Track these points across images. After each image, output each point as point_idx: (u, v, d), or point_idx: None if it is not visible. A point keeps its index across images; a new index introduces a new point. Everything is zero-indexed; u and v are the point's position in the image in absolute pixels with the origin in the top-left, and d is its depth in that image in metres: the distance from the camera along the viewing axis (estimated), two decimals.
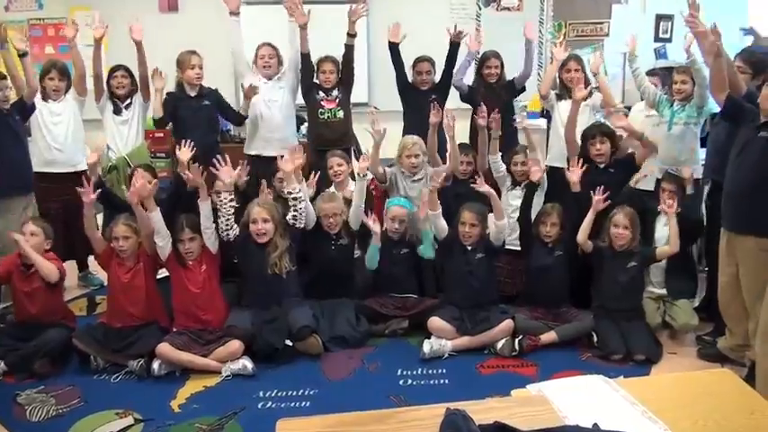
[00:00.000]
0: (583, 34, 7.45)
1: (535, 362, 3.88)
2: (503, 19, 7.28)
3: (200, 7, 6.92)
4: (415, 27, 6.91)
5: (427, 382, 3.70)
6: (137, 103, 5.03)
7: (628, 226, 4.06)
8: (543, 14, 7.37)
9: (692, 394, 2.18)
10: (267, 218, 4.05)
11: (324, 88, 5.14)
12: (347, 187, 4.73)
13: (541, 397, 1.99)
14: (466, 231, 4.13)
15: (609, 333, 3.97)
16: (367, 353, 4.01)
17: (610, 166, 4.54)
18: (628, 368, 3.78)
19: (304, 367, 3.86)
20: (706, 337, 4.10)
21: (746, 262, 3.43)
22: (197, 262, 4.03)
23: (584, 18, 7.44)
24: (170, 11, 6.94)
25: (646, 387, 2.21)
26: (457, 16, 7.22)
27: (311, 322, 4.00)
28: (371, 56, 7.05)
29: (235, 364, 3.78)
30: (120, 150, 4.95)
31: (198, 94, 4.98)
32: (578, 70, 5.01)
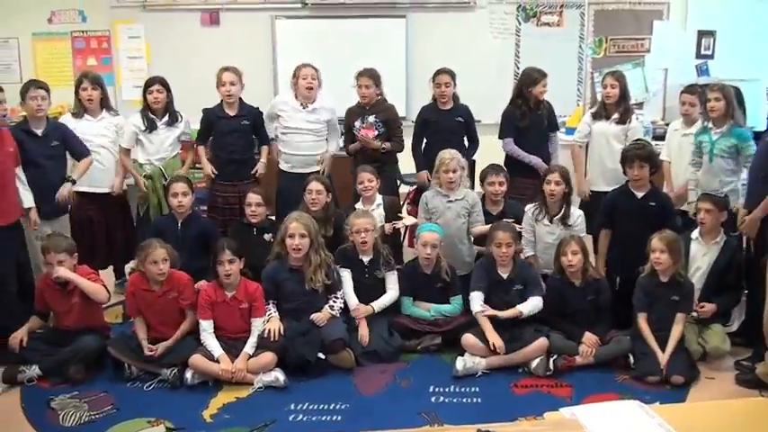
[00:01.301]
0: (623, 50, 7.37)
1: (570, 382, 3.81)
2: (543, 35, 7.25)
3: (241, 22, 7.02)
4: (454, 43, 6.99)
5: (459, 399, 3.67)
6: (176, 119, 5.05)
7: (664, 249, 3.96)
8: (584, 30, 7.31)
9: (729, 423, 2.14)
10: (304, 233, 4.06)
11: (362, 113, 5.10)
12: (375, 203, 4.73)
13: (575, 421, 1.97)
14: (503, 252, 4.08)
15: (646, 355, 3.89)
16: (399, 368, 3.99)
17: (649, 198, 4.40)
18: (664, 391, 3.70)
19: (336, 381, 3.86)
20: (745, 363, 3.98)
21: None
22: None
23: (624, 34, 7.36)
24: (212, 25, 7.05)
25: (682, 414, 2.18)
26: (496, 32, 7.22)
27: (344, 336, 4.00)
28: (409, 71, 7.07)
29: (267, 375, 3.79)
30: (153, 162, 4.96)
31: (237, 113, 4.98)
32: (614, 86, 4.95)
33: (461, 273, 4.48)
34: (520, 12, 7.20)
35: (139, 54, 7.02)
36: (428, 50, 6.94)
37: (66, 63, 6.98)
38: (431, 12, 7.11)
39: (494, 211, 4.73)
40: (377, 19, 7.06)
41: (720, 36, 7.35)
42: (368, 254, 4.34)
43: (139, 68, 6.95)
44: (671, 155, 4.87)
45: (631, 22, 7.34)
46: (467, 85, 5.26)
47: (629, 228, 4.32)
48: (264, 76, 6.92)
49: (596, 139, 5.04)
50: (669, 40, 7.36)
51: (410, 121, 6.05)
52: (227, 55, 6.17)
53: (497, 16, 7.18)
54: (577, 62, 7.32)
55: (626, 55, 7.34)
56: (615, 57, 7.29)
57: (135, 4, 6.93)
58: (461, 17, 7.12)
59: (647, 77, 7.33)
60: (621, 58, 7.29)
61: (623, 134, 4.94)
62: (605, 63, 7.12)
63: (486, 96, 5.57)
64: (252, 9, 7.03)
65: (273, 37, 7.03)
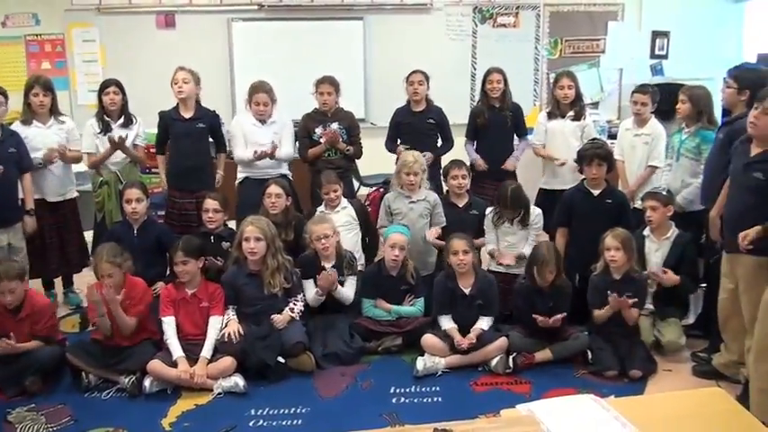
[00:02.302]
0: (579, 51, 7.49)
1: (529, 379, 3.84)
2: (499, 36, 7.32)
3: (197, 24, 6.96)
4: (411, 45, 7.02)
5: (420, 400, 3.67)
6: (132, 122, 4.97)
7: (619, 247, 4.01)
8: (539, 31, 7.40)
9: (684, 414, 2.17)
10: (259, 236, 4.02)
11: (323, 119, 5.06)
12: (339, 208, 4.71)
13: (531, 417, 1.98)
14: (460, 259, 4.08)
15: (603, 350, 3.94)
16: (360, 370, 3.98)
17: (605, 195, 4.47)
18: (622, 385, 3.76)
19: (296, 384, 3.83)
20: (701, 354, 4.06)
21: (746, 279, 3.42)
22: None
23: (579, 35, 7.47)
24: (167, 27, 6.97)
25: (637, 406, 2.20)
26: (453, 33, 7.27)
27: (304, 339, 3.97)
28: (367, 73, 7.08)
29: (226, 381, 3.75)
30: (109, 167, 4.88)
31: (192, 116, 4.92)
32: (571, 87, 5.01)
33: (425, 273, 4.51)
34: (476, 13, 7.27)
35: (94, 58, 6.92)
36: (386, 52, 6.98)
37: (20, 67, 6.82)
38: (388, 14, 7.14)
39: (459, 203, 4.76)
40: (334, 21, 7.06)
41: (674, 36, 7.51)
42: (330, 259, 4.31)
43: (94, 72, 6.83)
44: (623, 154, 4.94)
45: (586, 24, 7.46)
46: None
47: (586, 226, 4.37)
48: (221, 79, 6.87)
49: (552, 138, 5.10)
50: (624, 41, 7.50)
51: (369, 123, 6.08)
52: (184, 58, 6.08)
53: (454, 18, 7.24)
54: (533, 63, 7.42)
55: (581, 55, 7.46)
56: (571, 57, 7.41)
57: (89, 7, 6.82)
58: (418, 19, 7.16)
59: (603, 77, 7.46)
60: (577, 58, 7.41)
61: (579, 131, 5.01)
62: (561, 64, 7.22)
63: (444, 97, 5.57)
64: (208, 11, 6.97)
65: (230, 39, 6.98)
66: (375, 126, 5.33)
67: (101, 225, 4.87)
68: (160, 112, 4.98)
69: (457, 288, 4.11)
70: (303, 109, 5.22)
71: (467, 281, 4.12)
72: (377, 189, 5.66)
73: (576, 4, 7.41)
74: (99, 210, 4.89)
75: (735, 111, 3.92)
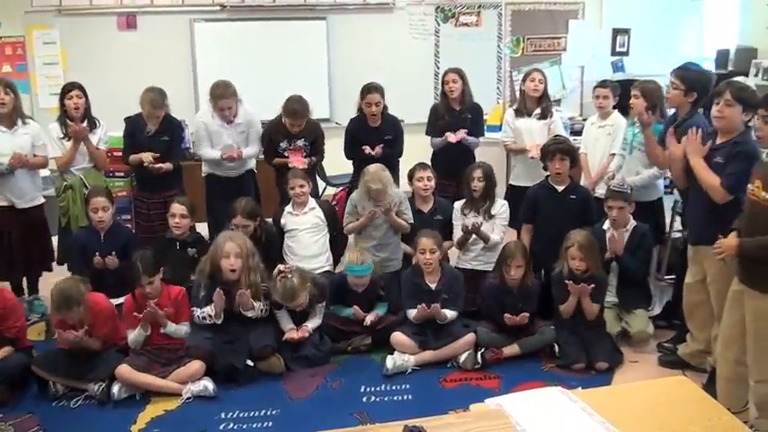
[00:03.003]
0: (541, 49, 7.58)
1: (498, 374, 3.88)
2: (462, 35, 7.37)
3: (159, 25, 6.88)
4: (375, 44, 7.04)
5: (390, 398, 3.68)
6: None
7: (583, 258, 4.04)
8: (501, 30, 7.47)
9: (650, 403, 2.20)
10: (239, 252, 3.99)
11: (288, 135, 4.99)
12: (307, 206, 4.68)
13: (499, 410, 2.00)
14: (427, 258, 4.10)
15: (570, 343, 4.00)
16: (330, 371, 3.97)
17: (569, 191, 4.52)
18: (590, 377, 3.81)
19: (266, 387, 3.80)
20: (667, 345, 4.14)
21: (714, 271, 3.48)
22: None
23: (541, 33, 7.56)
24: (129, 29, 6.88)
25: (604, 397, 2.23)
26: (416, 32, 7.30)
27: (273, 341, 3.95)
28: (331, 72, 7.08)
29: (196, 385, 3.71)
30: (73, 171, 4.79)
31: (157, 129, 4.84)
32: (541, 81, 5.06)
33: (392, 270, 4.52)
34: (438, 13, 7.31)
35: (55, 60, 6.81)
36: (349, 52, 6.99)
37: None
38: (351, 13, 7.15)
39: (425, 208, 4.76)
40: (297, 21, 7.05)
41: (635, 33, 7.64)
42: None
43: (56, 75, 6.73)
44: (587, 146, 5.01)
45: (548, 22, 7.56)
46: (388, 86, 5.25)
47: (551, 222, 4.42)
48: (184, 80, 6.80)
49: (519, 137, 5.13)
50: (585, 39, 7.62)
51: (333, 122, 6.07)
52: (146, 60, 6.07)
53: (416, 17, 7.28)
54: (496, 61, 7.49)
55: (543, 53, 7.56)
56: (533, 55, 7.50)
57: (49, 9, 6.70)
58: (381, 18, 7.18)
59: (564, 75, 7.56)
60: (539, 56, 7.50)
61: (547, 128, 5.05)
62: (523, 62, 7.31)
63: (408, 96, 5.61)
64: (169, 12, 6.90)
65: (192, 40, 6.93)
66: (340, 126, 5.31)
67: (65, 230, 4.80)
68: (126, 118, 4.91)
69: (423, 283, 4.14)
70: (266, 109, 5.18)
71: (433, 276, 4.16)
72: (343, 189, 5.65)
73: (537, 2, 7.50)
74: (63, 214, 4.81)
75: (681, 111, 3.96)
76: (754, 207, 2.99)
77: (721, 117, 3.35)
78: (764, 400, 3.07)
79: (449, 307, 4.09)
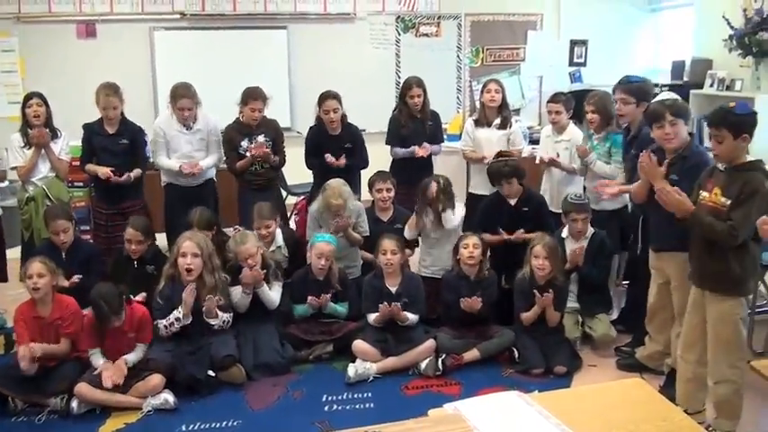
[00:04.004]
0: (500, 59, 7.69)
1: (459, 381, 3.91)
2: (422, 45, 7.44)
3: (118, 34, 6.83)
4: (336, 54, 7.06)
5: (352, 406, 3.69)
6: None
7: (547, 256, 4.11)
8: (461, 40, 7.56)
9: (606, 404, 2.24)
10: (197, 252, 3.96)
11: (249, 133, 4.97)
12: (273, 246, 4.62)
13: (457, 415, 2.02)
14: (388, 259, 4.13)
15: (529, 348, 4.05)
16: (291, 380, 3.96)
17: (522, 203, 4.58)
18: (549, 381, 3.87)
19: (227, 398, 3.78)
20: (625, 348, 4.22)
21: (678, 276, 3.54)
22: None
23: (500, 43, 7.67)
24: (88, 37, 6.81)
25: (560, 400, 2.27)
26: (377, 42, 7.35)
27: (234, 351, 3.93)
28: (292, 82, 7.08)
29: (156, 398, 3.66)
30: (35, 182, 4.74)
31: (116, 132, 4.80)
32: (498, 91, 5.10)
33: (350, 277, 4.53)
34: (399, 23, 7.38)
35: (13, 68, 6.73)
36: (310, 61, 7.01)
37: None
38: (312, 23, 7.17)
39: (384, 217, 4.79)
40: (258, 30, 7.05)
41: (592, 44, 7.79)
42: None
43: (14, 83, 6.65)
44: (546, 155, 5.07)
45: (507, 33, 7.68)
46: (350, 95, 5.29)
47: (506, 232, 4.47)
48: (143, 89, 6.76)
49: (479, 147, 5.17)
50: (543, 50, 7.75)
51: (295, 131, 6.07)
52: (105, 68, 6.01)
53: (377, 27, 7.34)
54: (456, 71, 7.58)
55: (502, 64, 7.66)
56: (492, 65, 7.60)
57: (7, 16, 6.63)
58: (342, 28, 7.22)
59: (523, 85, 7.67)
60: (498, 66, 7.61)
61: (506, 139, 5.10)
62: (483, 72, 7.41)
63: (370, 105, 5.64)
64: (129, 20, 6.87)
65: (152, 49, 6.89)
66: (301, 135, 5.31)
67: (29, 243, 4.73)
68: (84, 124, 4.85)
69: (384, 287, 4.17)
70: (227, 118, 5.14)
71: (394, 280, 4.19)
72: (304, 198, 5.64)
73: (496, 14, 7.61)
74: (26, 228, 4.75)
75: (635, 123, 4.03)
76: (713, 213, 3.07)
77: (672, 137, 3.40)
78: (722, 401, 3.16)
79: (409, 310, 4.12)
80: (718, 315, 3.12)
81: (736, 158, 3.05)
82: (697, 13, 6.98)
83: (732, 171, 3.05)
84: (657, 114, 3.42)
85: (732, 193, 3.00)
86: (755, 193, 2.96)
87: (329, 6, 7.19)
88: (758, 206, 2.96)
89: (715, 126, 3.04)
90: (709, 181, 3.14)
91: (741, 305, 3.13)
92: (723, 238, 3.00)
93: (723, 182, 3.07)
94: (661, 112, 3.40)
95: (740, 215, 2.96)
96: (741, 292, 3.11)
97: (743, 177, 3.00)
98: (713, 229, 3.03)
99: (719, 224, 3.00)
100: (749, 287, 3.15)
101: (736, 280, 3.07)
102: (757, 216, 2.98)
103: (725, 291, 3.09)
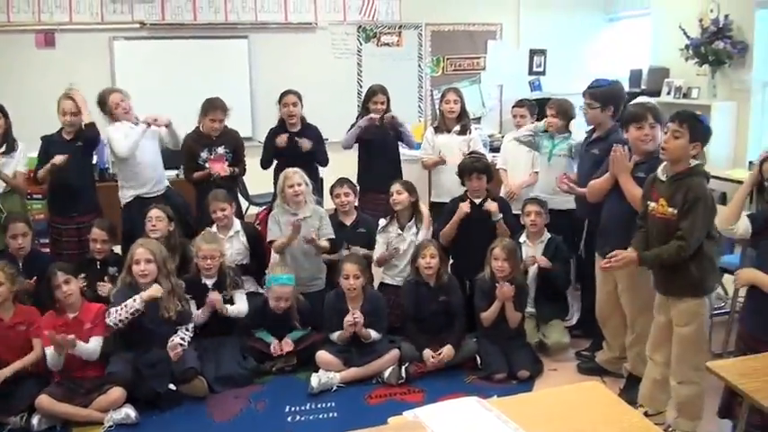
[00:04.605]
0: (460, 68, 7.77)
1: (422, 388, 3.93)
2: (384, 54, 7.49)
3: (78, 43, 6.74)
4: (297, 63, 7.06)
5: (316, 416, 3.68)
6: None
7: (507, 258, 4.16)
8: (422, 50, 7.62)
9: (564, 408, 2.28)
10: (150, 258, 3.92)
11: (209, 144, 4.95)
12: (232, 229, 4.65)
13: (417, 422, 2.04)
14: (351, 284, 4.11)
15: (491, 354, 4.09)
16: (254, 391, 3.93)
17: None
18: (511, 387, 3.90)
19: (189, 411, 3.74)
20: (585, 353, 4.28)
21: (625, 281, 3.62)
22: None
23: (461, 53, 7.75)
24: (47, 46, 6.71)
25: (519, 405, 2.29)
26: (338, 52, 7.38)
27: (195, 364, 3.88)
28: (254, 91, 7.07)
29: (117, 413, 3.62)
30: None
31: (72, 138, 4.74)
32: (456, 102, 5.15)
33: (314, 290, 4.51)
34: (360, 32, 7.42)
35: None
36: (272, 71, 7.00)
37: None
38: (272, 32, 7.17)
39: (347, 221, 4.81)
40: (218, 40, 7.02)
41: (551, 54, 7.92)
42: (212, 277, 4.23)
43: None
44: (507, 163, 5.14)
45: (467, 42, 7.76)
46: (312, 105, 5.31)
47: (470, 234, 4.51)
48: None
49: (442, 154, 5.20)
50: (503, 59, 7.85)
51: (256, 141, 6.05)
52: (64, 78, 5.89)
53: (339, 37, 7.36)
54: (417, 80, 7.65)
55: (463, 73, 7.75)
56: (453, 74, 7.68)
57: None
58: (303, 38, 7.24)
59: (484, 94, 7.76)
60: (459, 75, 7.69)
61: (466, 145, 5.15)
62: (444, 81, 7.48)
63: (332, 115, 5.65)
64: (88, 30, 6.79)
65: (112, 58, 6.82)
66: (262, 144, 5.30)
67: None
68: (42, 136, 4.78)
69: (345, 309, 4.13)
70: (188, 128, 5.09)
71: (356, 302, 4.17)
72: (265, 208, 5.62)
73: (456, 23, 7.70)
74: None
75: (603, 127, 4.07)
76: (664, 222, 3.14)
77: (650, 139, 3.47)
78: (684, 401, 3.22)
79: (373, 328, 4.12)
80: (681, 316, 3.19)
81: (680, 162, 3.11)
82: (654, 22, 7.15)
83: (673, 180, 3.12)
84: (639, 116, 3.48)
85: (677, 201, 3.07)
86: (699, 200, 3.03)
87: (290, 16, 7.19)
88: (703, 212, 3.04)
89: (679, 122, 3.09)
90: (654, 191, 3.21)
91: (704, 305, 3.20)
92: (677, 257, 3.07)
93: (666, 192, 3.13)
94: (643, 113, 3.48)
95: (687, 225, 3.04)
96: (702, 292, 3.18)
97: (685, 184, 3.07)
98: (662, 256, 3.11)
99: (665, 249, 3.08)
100: (710, 285, 3.21)
101: (696, 282, 3.14)
102: (705, 222, 3.07)
103: (687, 293, 3.16)
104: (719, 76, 6.21)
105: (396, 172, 5.27)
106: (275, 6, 7.15)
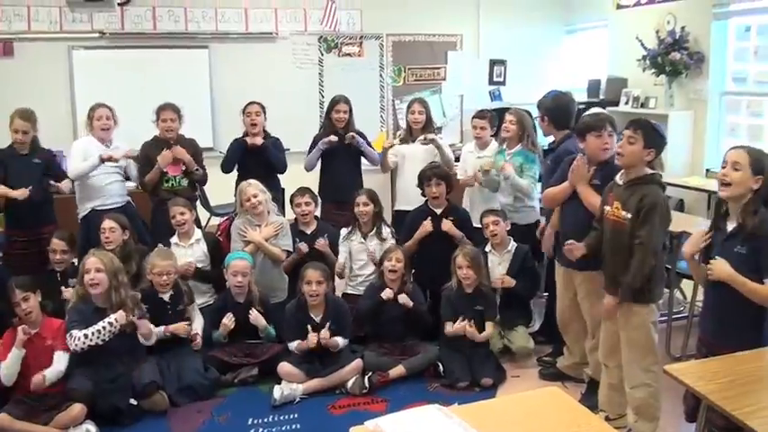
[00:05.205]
0: (422, 78, 7.83)
1: (385, 398, 3.94)
2: (345, 64, 7.51)
3: (37, 53, 6.63)
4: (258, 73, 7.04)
5: (279, 428, 3.66)
6: None
7: (470, 265, 4.21)
8: (383, 60, 7.67)
9: (525, 414, 2.31)
10: (100, 267, 3.84)
11: (166, 146, 4.91)
12: (193, 237, 4.63)
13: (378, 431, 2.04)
14: (313, 290, 4.11)
15: (454, 362, 4.12)
16: (216, 404, 3.90)
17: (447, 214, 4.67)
18: (474, 394, 3.94)
19: (151, 426, 3.69)
20: (546, 359, 4.34)
21: (583, 288, 3.69)
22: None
23: (422, 63, 7.81)
24: (5, 56, 6.58)
25: (480, 411, 2.32)
26: (300, 62, 7.38)
27: (156, 377, 3.84)
28: (214, 101, 7.04)
29: (77, 429, 3.56)
30: None
31: (29, 151, 4.69)
32: (422, 112, 5.18)
33: (276, 300, 4.50)
34: (321, 43, 7.43)
35: None
36: (232, 81, 6.97)
37: None
38: (233, 42, 7.14)
39: (307, 230, 4.82)
40: (179, 50, 6.96)
41: (511, 64, 8.01)
42: (167, 291, 4.20)
43: None
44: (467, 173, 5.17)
45: (428, 53, 7.82)
46: (273, 115, 5.30)
47: (432, 244, 4.56)
48: (62, 109, 6.58)
49: (403, 161, 5.22)
50: (463, 69, 7.92)
51: (218, 151, 6.01)
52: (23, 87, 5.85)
53: (300, 47, 7.36)
54: (379, 90, 7.68)
55: (424, 83, 7.81)
56: (414, 84, 7.73)
57: None
58: (264, 48, 7.22)
59: (445, 103, 7.83)
60: (420, 85, 7.75)
61: (431, 154, 5.17)
62: (405, 91, 7.53)
63: (293, 125, 5.65)
64: (47, 39, 6.68)
65: (71, 68, 6.72)
66: (223, 155, 5.27)
67: None
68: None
69: (307, 318, 4.13)
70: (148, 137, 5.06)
71: (318, 310, 4.16)
72: (227, 218, 5.59)
73: (416, 34, 7.75)
74: None
75: (556, 137, 4.21)
76: (616, 226, 3.22)
77: (608, 148, 3.53)
78: (639, 405, 3.29)
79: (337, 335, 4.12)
80: (629, 322, 3.26)
81: (636, 169, 3.20)
82: (611, 34, 7.28)
83: (630, 185, 3.21)
84: (598, 125, 3.54)
85: (631, 206, 3.15)
86: (655, 207, 3.12)
87: (251, 26, 7.17)
88: (660, 218, 3.14)
89: (634, 128, 3.17)
90: (610, 196, 3.30)
91: (652, 311, 3.28)
92: (644, 263, 3.13)
93: (621, 196, 3.22)
94: (602, 123, 3.54)
95: (645, 232, 3.11)
96: (649, 299, 3.25)
97: (641, 191, 3.16)
98: (635, 275, 3.15)
99: (632, 269, 3.14)
100: (657, 293, 3.28)
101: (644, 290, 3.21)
102: (661, 227, 3.16)
103: (635, 300, 3.23)
104: (676, 87, 6.34)
105: (357, 183, 5.29)
106: (236, 16, 7.12)
